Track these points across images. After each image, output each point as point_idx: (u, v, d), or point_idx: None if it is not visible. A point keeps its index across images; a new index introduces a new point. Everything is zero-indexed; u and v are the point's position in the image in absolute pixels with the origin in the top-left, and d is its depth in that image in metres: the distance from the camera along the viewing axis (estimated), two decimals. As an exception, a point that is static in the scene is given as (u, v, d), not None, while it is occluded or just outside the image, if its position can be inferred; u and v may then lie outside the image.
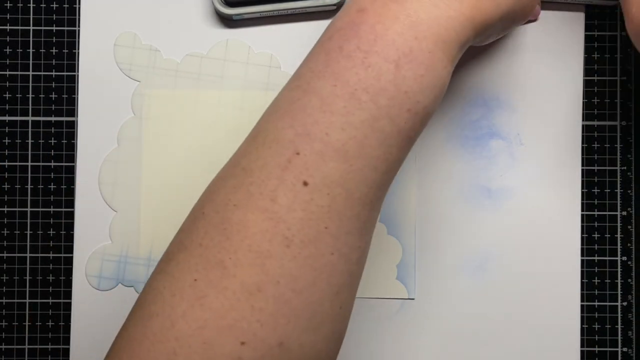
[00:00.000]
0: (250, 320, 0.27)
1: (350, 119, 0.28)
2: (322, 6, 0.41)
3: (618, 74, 0.42)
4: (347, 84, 0.28)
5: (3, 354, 0.42)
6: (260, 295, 0.27)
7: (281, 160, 0.28)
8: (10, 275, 0.42)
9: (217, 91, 0.42)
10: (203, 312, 0.27)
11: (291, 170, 0.28)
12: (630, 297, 0.42)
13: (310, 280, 0.28)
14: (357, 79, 0.28)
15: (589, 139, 0.42)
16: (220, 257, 0.28)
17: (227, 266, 0.28)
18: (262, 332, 0.27)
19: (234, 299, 0.27)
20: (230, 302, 0.27)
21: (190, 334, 0.27)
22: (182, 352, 0.27)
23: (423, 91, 0.29)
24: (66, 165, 0.42)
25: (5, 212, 0.42)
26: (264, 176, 0.28)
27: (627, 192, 0.42)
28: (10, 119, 0.42)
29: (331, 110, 0.28)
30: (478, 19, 0.30)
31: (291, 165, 0.28)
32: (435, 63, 0.29)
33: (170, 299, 0.28)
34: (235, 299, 0.27)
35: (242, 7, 0.41)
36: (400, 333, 0.41)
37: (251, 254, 0.28)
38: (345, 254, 0.29)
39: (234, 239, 0.28)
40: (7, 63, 0.42)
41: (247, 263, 0.27)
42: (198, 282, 0.28)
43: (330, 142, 0.28)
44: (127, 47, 0.42)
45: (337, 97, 0.28)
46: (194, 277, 0.28)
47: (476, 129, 0.42)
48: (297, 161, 0.28)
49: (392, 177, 0.30)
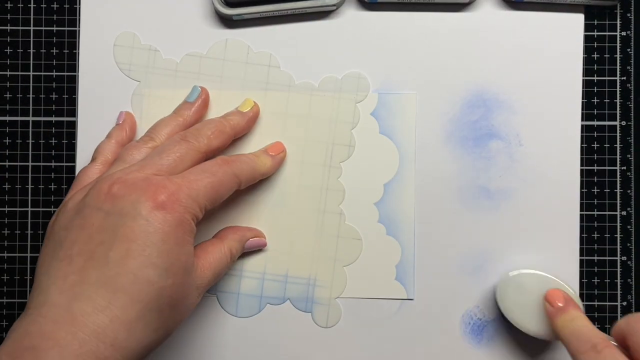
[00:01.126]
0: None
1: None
2: (322, 6, 0.41)
3: (618, 74, 0.42)
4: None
5: (3, 354, 0.42)
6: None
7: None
8: (11, 275, 0.42)
9: (217, 91, 0.42)
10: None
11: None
12: (630, 297, 0.42)
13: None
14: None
15: (588, 139, 0.42)
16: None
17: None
18: None
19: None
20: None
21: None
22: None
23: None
24: (66, 165, 0.42)
25: (6, 212, 0.42)
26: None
27: (627, 192, 0.42)
28: (10, 119, 0.42)
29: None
30: None
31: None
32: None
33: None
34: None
35: (242, 7, 0.41)
36: (400, 333, 0.41)
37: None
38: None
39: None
40: (8, 63, 0.42)
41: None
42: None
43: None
44: (127, 47, 0.42)
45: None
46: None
47: (475, 129, 0.42)
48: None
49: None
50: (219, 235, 0.40)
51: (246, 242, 0.40)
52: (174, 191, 0.32)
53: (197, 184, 0.34)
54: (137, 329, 0.30)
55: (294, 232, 0.42)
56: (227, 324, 0.42)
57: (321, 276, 0.41)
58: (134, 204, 0.31)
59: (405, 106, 0.42)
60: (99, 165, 0.38)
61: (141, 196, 0.32)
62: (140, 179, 0.33)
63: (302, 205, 0.42)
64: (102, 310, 0.30)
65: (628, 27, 0.42)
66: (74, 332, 0.29)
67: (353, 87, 0.42)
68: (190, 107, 0.40)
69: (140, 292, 0.30)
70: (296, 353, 0.41)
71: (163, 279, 0.31)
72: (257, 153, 0.40)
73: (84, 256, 0.31)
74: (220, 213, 0.41)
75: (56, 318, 0.29)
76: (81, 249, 0.31)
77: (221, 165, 0.36)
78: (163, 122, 0.39)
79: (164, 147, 0.36)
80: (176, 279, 0.32)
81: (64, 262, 0.31)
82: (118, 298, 0.30)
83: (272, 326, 0.41)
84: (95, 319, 0.29)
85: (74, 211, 0.33)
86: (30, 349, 0.29)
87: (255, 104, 0.41)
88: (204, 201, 0.34)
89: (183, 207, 0.32)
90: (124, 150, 0.37)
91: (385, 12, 0.42)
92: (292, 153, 0.42)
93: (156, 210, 0.31)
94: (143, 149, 0.37)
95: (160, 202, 0.32)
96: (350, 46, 0.42)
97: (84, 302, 0.30)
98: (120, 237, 0.31)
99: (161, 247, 0.31)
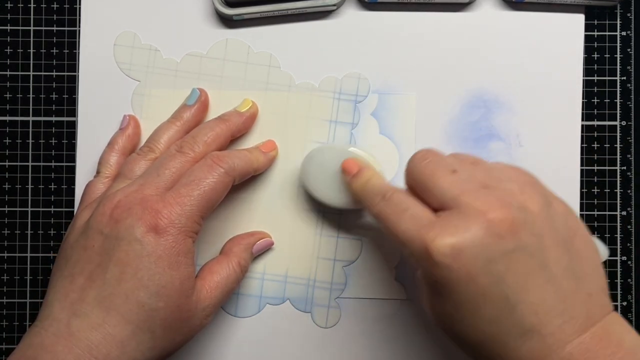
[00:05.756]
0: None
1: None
2: (322, 6, 0.41)
3: (618, 74, 0.42)
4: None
5: (4, 354, 0.42)
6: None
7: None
8: (11, 275, 0.42)
9: (217, 91, 0.42)
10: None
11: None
12: (630, 297, 0.42)
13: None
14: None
15: (588, 139, 0.42)
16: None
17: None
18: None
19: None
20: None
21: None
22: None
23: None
24: (66, 165, 0.42)
25: (6, 212, 0.42)
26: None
27: (627, 192, 0.42)
28: (10, 119, 0.42)
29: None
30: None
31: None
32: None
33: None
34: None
35: (242, 7, 0.41)
36: (399, 333, 0.41)
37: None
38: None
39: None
40: (8, 63, 0.42)
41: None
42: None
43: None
44: (127, 46, 0.42)
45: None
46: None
47: (475, 130, 0.42)
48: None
49: None
50: (223, 250, 0.40)
51: (253, 247, 0.40)
52: (166, 214, 0.33)
53: (190, 200, 0.34)
54: (129, 347, 0.32)
55: (294, 232, 0.42)
56: (227, 324, 0.42)
57: (321, 276, 0.41)
58: (129, 229, 0.33)
59: (405, 107, 0.42)
60: (103, 179, 0.39)
61: (137, 220, 0.33)
62: (137, 201, 0.34)
63: (302, 205, 0.42)
64: (97, 327, 0.32)
65: (628, 27, 0.42)
66: (70, 346, 0.31)
67: (353, 87, 0.42)
68: (189, 111, 0.40)
69: (131, 313, 0.32)
70: (295, 353, 0.41)
71: (154, 302, 0.33)
72: (250, 149, 0.40)
73: (84, 275, 0.33)
74: (219, 214, 0.41)
75: (56, 332, 0.32)
76: (82, 268, 0.33)
77: (211, 167, 0.36)
78: (162, 129, 0.40)
79: (161, 161, 0.37)
80: (169, 302, 0.33)
81: (67, 279, 0.33)
82: (112, 317, 0.32)
83: (271, 326, 0.41)
84: (89, 336, 0.31)
85: (80, 231, 0.35)
86: (32, 359, 0.31)
87: (254, 103, 0.41)
88: (198, 214, 0.34)
89: (177, 228, 0.33)
90: (124, 165, 0.38)
91: (385, 12, 0.42)
92: (292, 153, 0.42)
93: (149, 234, 0.33)
94: (142, 162, 0.38)
95: (153, 226, 0.33)
96: (350, 46, 0.42)
97: (81, 319, 0.32)
98: (115, 260, 0.33)
99: (153, 270, 0.33)
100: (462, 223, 0.28)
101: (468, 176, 0.30)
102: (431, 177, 0.31)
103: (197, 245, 0.39)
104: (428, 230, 0.29)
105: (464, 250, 0.28)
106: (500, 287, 0.28)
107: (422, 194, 0.31)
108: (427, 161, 0.32)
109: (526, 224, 0.29)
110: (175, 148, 0.37)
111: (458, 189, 0.30)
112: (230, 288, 0.38)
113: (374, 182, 0.35)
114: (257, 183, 0.41)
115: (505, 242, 0.28)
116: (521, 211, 0.29)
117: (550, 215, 0.30)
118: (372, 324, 0.42)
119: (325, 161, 0.39)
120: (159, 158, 0.37)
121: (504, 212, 0.28)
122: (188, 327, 0.35)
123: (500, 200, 0.29)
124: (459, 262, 0.28)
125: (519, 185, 0.30)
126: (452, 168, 0.31)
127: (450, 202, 0.29)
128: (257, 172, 0.40)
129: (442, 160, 0.32)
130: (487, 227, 0.28)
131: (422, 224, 0.29)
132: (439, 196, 0.30)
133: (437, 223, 0.29)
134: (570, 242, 0.30)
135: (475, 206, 0.29)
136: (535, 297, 0.28)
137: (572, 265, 0.30)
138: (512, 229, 0.28)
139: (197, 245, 0.38)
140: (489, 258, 0.28)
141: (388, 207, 0.32)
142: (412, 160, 0.33)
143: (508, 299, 0.28)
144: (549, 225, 0.29)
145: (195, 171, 0.35)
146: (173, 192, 0.34)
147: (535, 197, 0.30)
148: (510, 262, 0.28)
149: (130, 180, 0.37)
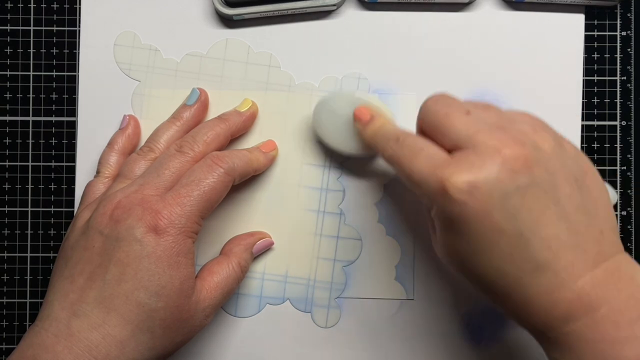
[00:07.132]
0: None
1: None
2: (322, 6, 0.41)
3: (618, 74, 0.42)
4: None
5: (4, 354, 0.42)
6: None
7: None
8: (11, 275, 0.42)
9: (217, 91, 0.42)
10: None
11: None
12: (630, 297, 0.42)
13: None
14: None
15: (588, 139, 0.42)
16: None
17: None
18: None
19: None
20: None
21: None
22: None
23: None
24: (66, 165, 0.42)
25: (6, 212, 0.42)
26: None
27: (627, 192, 0.42)
28: (10, 119, 0.42)
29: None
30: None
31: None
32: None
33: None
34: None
35: (242, 7, 0.41)
36: (400, 333, 0.41)
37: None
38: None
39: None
40: (8, 63, 0.42)
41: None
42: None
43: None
44: (127, 46, 0.42)
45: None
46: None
47: (475, 129, 0.42)
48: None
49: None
50: (223, 251, 0.40)
51: (253, 247, 0.40)
52: (166, 214, 0.33)
53: (190, 200, 0.34)
54: (129, 347, 0.32)
55: (294, 232, 0.42)
56: (227, 324, 0.42)
57: (321, 276, 0.41)
58: (129, 229, 0.33)
59: (405, 107, 0.42)
60: (103, 179, 0.39)
61: (137, 221, 0.33)
62: (137, 202, 0.34)
63: (302, 205, 0.42)
64: (97, 328, 0.32)
65: (628, 27, 0.42)
66: (70, 346, 0.31)
67: (353, 87, 0.42)
68: (188, 111, 0.40)
69: (131, 314, 0.32)
70: (296, 353, 0.41)
71: (154, 302, 0.33)
72: (250, 149, 0.40)
73: (84, 276, 0.33)
74: (219, 214, 0.41)
75: (56, 332, 0.32)
76: (83, 269, 0.33)
77: (211, 167, 0.36)
78: (162, 129, 0.40)
79: (161, 161, 0.37)
80: (169, 302, 0.33)
81: (67, 280, 0.33)
82: (112, 317, 0.32)
83: (271, 326, 0.41)
84: (89, 336, 0.32)
85: (81, 231, 0.35)
86: (32, 359, 0.31)
87: (254, 103, 0.41)
88: (198, 214, 0.34)
89: (177, 229, 0.33)
90: (125, 165, 0.38)
91: (385, 12, 0.42)
92: (292, 153, 0.42)
93: (149, 235, 0.33)
94: (142, 162, 0.38)
95: (153, 226, 0.33)
96: (350, 46, 0.42)
97: (81, 319, 0.32)
98: (115, 261, 0.33)
99: (153, 270, 0.33)
100: (478, 160, 0.29)
101: (482, 117, 0.31)
102: (445, 118, 0.31)
103: (197, 245, 0.39)
104: (443, 168, 0.29)
105: (479, 187, 0.28)
106: (514, 223, 0.28)
107: (435, 136, 0.31)
108: (441, 104, 0.32)
109: (540, 161, 0.29)
110: (175, 148, 0.37)
111: (473, 128, 0.30)
112: (230, 288, 0.38)
113: (387, 128, 0.35)
114: (257, 183, 0.41)
115: (520, 177, 0.28)
116: (535, 149, 0.29)
117: (562, 154, 0.30)
118: (372, 323, 0.42)
119: (337, 108, 0.39)
120: (158, 158, 0.38)
121: (519, 148, 0.29)
122: (188, 328, 0.35)
123: (514, 138, 0.29)
124: (474, 198, 0.28)
125: (531, 127, 0.30)
126: (465, 110, 0.31)
127: (465, 141, 0.30)
128: (257, 172, 0.40)
129: (455, 102, 0.32)
130: (502, 163, 0.28)
131: (437, 163, 0.29)
132: (453, 136, 0.30)
133: (453, 161, 0.29)
134: (581, 180, 0.30)
135: (490, 144, 0.29)
136: (549, 233, 0.29)
137: (584, 202, 0.30)
138: (526, 164, 0.28)
139: (197, 245, 0.38)
140: (504, 193, 0.28)
141: (402, 150, 0.32)
142: (425, 103, 0.33)
143: (522, 234, 0.28)
144: (561, 163, 0.30)
145: (195, 171, 0.35)
146: (173, 193, 0.34)
147: (547, 137, 0.30)
148: (524, 197, 0.28)
149: (130, 181, 0.37)
